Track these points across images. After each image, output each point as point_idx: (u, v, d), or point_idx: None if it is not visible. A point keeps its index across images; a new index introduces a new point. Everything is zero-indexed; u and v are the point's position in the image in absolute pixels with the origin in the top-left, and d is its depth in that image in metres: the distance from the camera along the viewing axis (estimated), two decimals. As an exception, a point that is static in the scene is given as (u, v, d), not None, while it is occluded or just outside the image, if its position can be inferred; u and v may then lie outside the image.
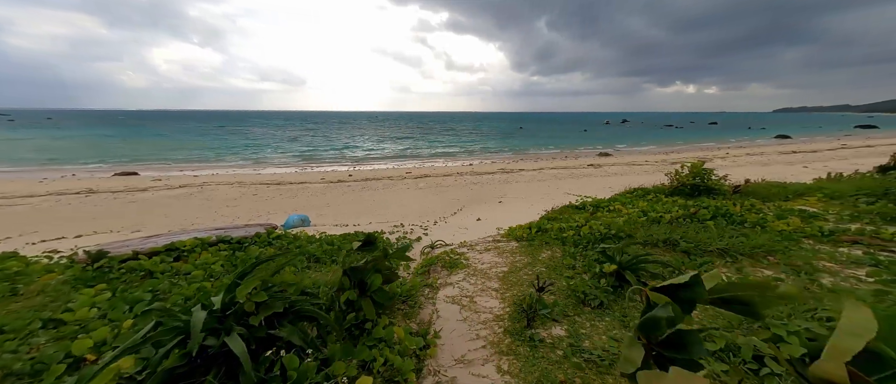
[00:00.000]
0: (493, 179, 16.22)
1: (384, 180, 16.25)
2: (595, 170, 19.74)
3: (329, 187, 14.15)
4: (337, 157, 28.69)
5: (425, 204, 10.46)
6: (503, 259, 4.01)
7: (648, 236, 4.08)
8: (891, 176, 6.05)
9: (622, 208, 5.94)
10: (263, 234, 4.60)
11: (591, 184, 14.31)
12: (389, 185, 14.83)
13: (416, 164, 25.18)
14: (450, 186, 14.26)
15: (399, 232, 6.43)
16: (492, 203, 10.43)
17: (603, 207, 6.21)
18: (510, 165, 22.60)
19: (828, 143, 36.97)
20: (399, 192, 13.04)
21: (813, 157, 25.84)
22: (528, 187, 13.80)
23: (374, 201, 10.88)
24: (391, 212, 9.06)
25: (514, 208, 9.11)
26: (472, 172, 18.94)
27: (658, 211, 5.33)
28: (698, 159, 6.87)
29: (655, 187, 7.76)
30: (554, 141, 43.94)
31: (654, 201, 6.31)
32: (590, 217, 5.54)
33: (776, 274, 3.23)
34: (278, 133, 53.99)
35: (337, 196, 11.91)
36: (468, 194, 12.21)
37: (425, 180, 16.14)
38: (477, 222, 7.25)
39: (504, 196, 11.93)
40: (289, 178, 17.13)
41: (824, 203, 6.01)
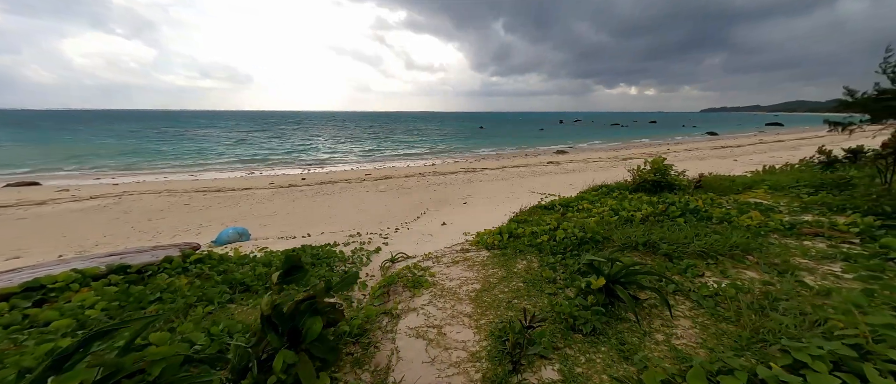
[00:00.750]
0: (457, 179, 15.83)
1: (341, 184, 15.17)
2: (555, 167, 20.15)
3: (278, 193, 12.84)
4: (289, 160, 26.69)
5: (386, 208, 9.74)
6: (474, 273, 3.51)
7: (626, 239, 3.80)
8: (841, 169, 6.49)
9: (591, 207, 5.73)
10: (177, 258, 3.67)
11: (553, 181, 14.44)
12: (347, 188, 13.83)
13: (376, 165, 24.14)
14: (412, 188, 13.61)
15: (355, 242, 5.71)
16: (457, 204, 9.98)
17: (572, 207, 5.97)
18: (473, 164, 22.42)
19: (747, 138, 41.68)
20: (357, 196, 12.14)
21: (739, 151, 28.72)
22: (493, 186, 13.57)
23: (328, 207, 9.93)
24: (348, 220, 8.23)
25: (480, 210, 8.73)
26: (434, 172, 18.42)
27: (628, 209, 5.16)
28: (658, 156, 6.91)
29: (618, 184, 7.75)
30: (514, 140, 44.86)
31: (621, 198, 6.21)
32: (561, 218, 5.24)
33: (759, 274, 3.05)
34: (223, 134, 49.50)
35: (286, 203, 10.75)
36: (432, 196, 11.66)
37: (386, 182, 15.33)
38: (442, 227, 6.73)
39: (469, 196, 11.54)
40: (231, 183, 15.40)
41: (772, 195, 6.27)
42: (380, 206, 10.02)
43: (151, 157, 26.67)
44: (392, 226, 7.36)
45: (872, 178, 5.73)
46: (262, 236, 6.61)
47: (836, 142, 21.23)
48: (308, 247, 5.06)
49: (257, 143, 38.57)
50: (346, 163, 25.57)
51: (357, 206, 10.12)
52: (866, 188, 5.55)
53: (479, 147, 37.03)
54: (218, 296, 2.88)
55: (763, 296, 2.57)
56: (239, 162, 25.32)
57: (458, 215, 8.19)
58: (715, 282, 2.93)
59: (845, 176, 6.35)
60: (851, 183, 6.04)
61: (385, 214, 8.81)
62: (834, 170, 7.88)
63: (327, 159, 27.33)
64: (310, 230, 7.15)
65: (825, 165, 6.47)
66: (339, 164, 25.13)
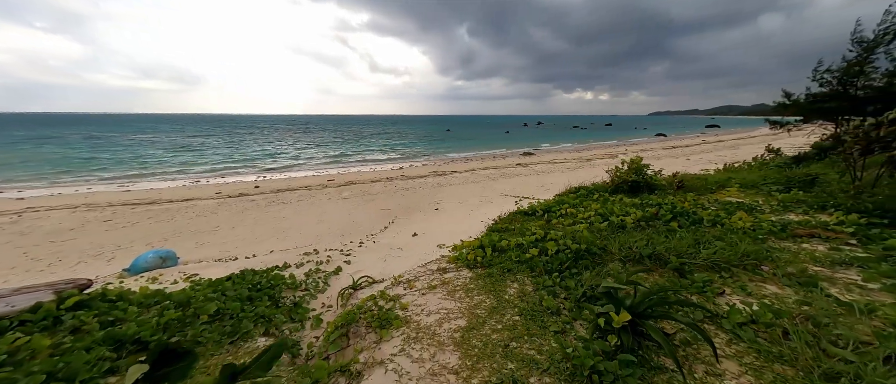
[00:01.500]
0: (426, 183, 15.13)
1: (300, 191, 13.89)
2: (524, 169, 20.10)
3: (224, 204, 11.38)
4: (243, 167, 24.50)
5: (349, 218, 8.82)
6: (456, 302, 2.84)
7: (626, 250, 3.33)
8: (805, 165, 6.63)
9: (575, 211, 5.30)
10: (49, 305, 2.65)
11: (524, 183, 14.21)
12: (306, 196, 12.63)
13: (339, 169, 22.78)
14: (379, 194, 12.71)
15: (311, 262, 4.83)
16: (428, 211, 9.28)
17: (555, 212, 5.50)
18: (442, 167, 21.84)
19: (693, 139, 45.12)
20: (317, 204, 11.04)
21: (688, 150, 30.70)
22: (464, 190, 13.04)
23: (282, 219, 8.80)
24: (305, 233, 7.24)
25: (453, 216, 8.10)
26: (402, 176, 17.59)
27: (616, 213, 4.77)
28: (636, 156, 6.70)
29: (596, 185, 7.48)
30: (481, 142, 45.00)
31: (604, 201, 5.85)
32: (546, 225, 4.73)
33: (780, 287, 2.68)
34: (168, 139, 44.93)
35: (233, 215, 9.45)
36: (400, 202, 10.86)
37: (350, 188, 14.27)
38: (413, 239, 6.01)
39: (440, 202, 10.89)
40: (170, 194, 13.55)
41: (745, 193, 6.23)
42: (342, 216, 9.06)
43: (74, 165, 23.25)
44: (356, 239, 6.51)
45: (841, 174, 5.82)
46: (194, 259, 5.48)
47: (776, 140, 22.58)
48: (249, 273, 4.13)
49: (208, 148, 35.30)
50: (306, 168, 23.92)
51: (316, 217, 9.08)
52: (835, 184, 5.62)
53: (447, 150, 36.59)
54: (87, 370, 1.95)
55: (805, 320, 2.15)
56: (183, 169, 22.76)
57: (430, 223, 7.51)
58: (741, 302, 2.50)
59: (810, 172, 6.48)
60: (816, 180, 6.15)
61: (348, 225, 7.91)
62: (798, 166, 8.13)
63: (286, 165, 25.45)
64: (257, 248, 6.11)
65: (795, 161, 6.56)
66: (300, 169, 23.44)
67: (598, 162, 23.22)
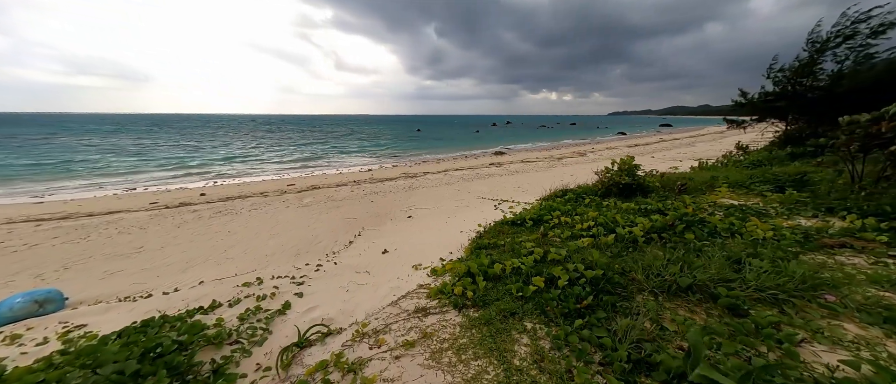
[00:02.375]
0: (397, 186, 14.11)
1: (254, 198, 12.37)
2: (498, 169, 19.60)
3: (159, 217, 9.71)
4: (192, 171, 22.03)
5: (308, 230, 7.66)
6: (445, 374, 1.98)
7: (656, 277, 2.63)
8: (792, 164, 6.45)
9: (570, 221, 4.61)
10: None
11: (500, 184, 13.61)
12: (260, 204, 11.18)
13: (302, 172, 21.09)
14: (344, 200, 11.53)
15: (251, 296, 3.76)
16: (400, 219, 8.33)
17: (546, 221, 4.79)
18: (413, 168, 20.85)
19: (651, 137, 47.43)
20: (272, 214, 9.71)
21: (650, 148, 31.90)
22: (438, 193, 12.18)
23: (227, 235, 7.46)
24: (252, 252, 6.04)
25: (429, 225, 7.22)
26: (371, 179, 16.42)
27: (620, 223, 4.12)
28: (628, 156, 6.19)
29: (583, 188, 6.91)
30: (452, 142, 44.41)
31: (598, 207, 5.24)
32: (542, 240, 3.99)
33: (860, 326, 2.08)
34: (106, 142, 40.08)
35: (166, 231, 7.94)
36: (368, 209, 9.80)
37: (312, 194, 12.93)
38: (383, 257, 5.06)
39: (413, 207, 9.95)
40: (93, 205, 11.51)
41: (737, 194, 5.90)
42: (301, 228, 7.88)
43: (-23, 172, 19.69)
44: (314, 258, 5.45)
45: (838, 173, 5.60)
46: (92, 298, 4.17)
47: (725, 138, 23.31)
48: (154, 323, 3.01)
49: (154, 151, 31.74)
50: (266, 172, 21.95)
51: (269, 230, 7.83)
52: (828, 184, 5.39)
53: (418, 150, 35.57)
54: None
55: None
56: (118, 175, 20.01)
57: (402, 235, 6.57)
58: (827, 352, 1.85)
59: (801, 170, 6.28)
60: (806, 178, 5.94)
61: (307, 240, 6.78)
62: (773, 164, 8.00)
63: (242, 168, 23.26)
64: (185, 277, 4.89)
65: (768, 159, 6.33)
66: (258, 173, 21.44)
67: (570, 160, 23.30)
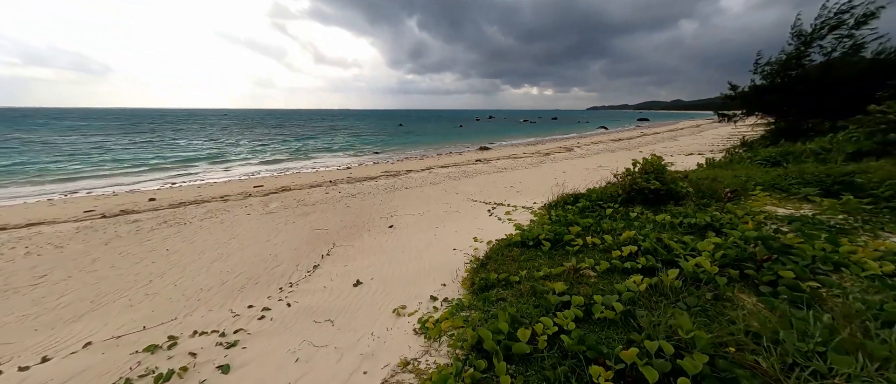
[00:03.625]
0: (378, 187, 12.80)
1: (211, 203, 10.78)
2: (485, 165, 18.56)
3: (87, 230, 8.06)
4: (146, 171, 19.81)
5: (267, 246, 6.31)
6: None
7: (804, 373, 1.57)
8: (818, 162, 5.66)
9: (600, 243, 3.55)
10: None
11: (491, 183, 12.53)
12: (218, 211, 9.64)
13: (274, 171, 19.35)
14: (316, 205, 10.14)
15: (149, 376, 2.50)
16: (379, 230, 7.09)
17: (569, 244, 3.72)
18: (395, 166, 19.50)
19: (631, 131, 47.66)
20: (229, 224, 8.24)
21: (635, 143, 31.70)
22: (423, 194, 10.98)
23: (161, 256, 6.00)
24: (183, 286, 4.64)
25: (414, 239, 6.03)
26: (348, 179, 15.00)
27: (675, 249, 3.08)
28: (653, 155, 5.18)
29: (594, 192, 5.88)
30: (435, 137, 43.15)
31: (627, 220, 4.20)
32: (574, 277, 2.89)
33: None
34: (59, 138, 36.31)
35: (86, 252, 6.37)
36: (343, 217, 8.48)
37: (281, 197, 11.45)
38: (354, 293, 3.86)
39: (395, 213, 8.72)
40: (9, 216, 9.61)
41: (779, 199, 5.03)
42: (257, 244, 6.51)
43: None
44: (263, 293, 4.18)
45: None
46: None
47: (701, 132, 22.95)
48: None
49: (109, 149, 28.81)
50: (233, 171, 20.03)
51: (218, 247, 6.42)
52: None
53: (400, 146, 34.12)
54: None
55: None
56: (63, 177, 17.64)
57: (381, 254, 5.36)
58: None
59: (845, 170, 5.47)
60: (855, 181, 5.11)
61: (260, 263, 5.46)
62: (789, 161, 7.24)
63: (206, 167, 21.20)
64: (70, 332, 3.51)
65: (782, 155, 5.51)
66: (223, 172, 19.52)
67: (558, 156, 22.56)
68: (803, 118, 15.38)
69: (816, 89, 14.59)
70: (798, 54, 15.20)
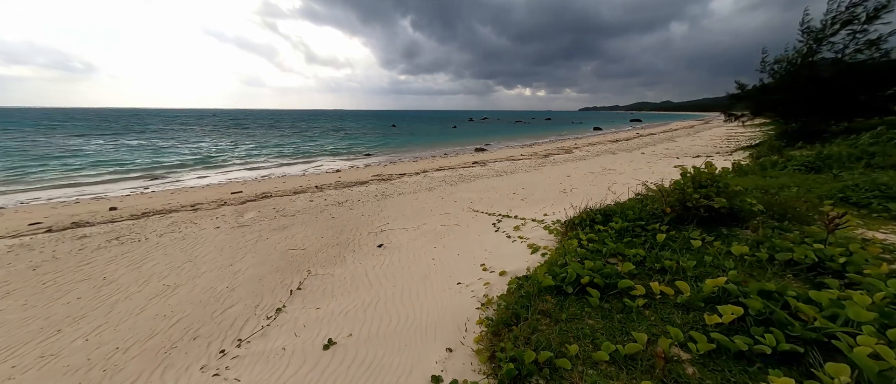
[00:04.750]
0: (368, 193, 11.66)
1: (179, 214, 9.53)
2: (483, 168, 17.52)
3: (19, 250, 6.78)
4: (116, 176, 18.33)
5: (227, 275, 5.15)
6: None
7: None
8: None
9: (661, 289, 2.50)
10: None
11: (492, 189, 11.47)
12: (183, 224, 8.42)
13: (257, 175, 18.06)
14: (297, 215, 8.97)
15: None
16: (366, 251, 5.98)
17: (611, 290, 2.66)
18: (388, 169, 18.36)
19: (627, 132, 46.91)
20: (190, 243, 7.03)
21: (634, 144, 30.91)
22: (418, 203, 9.87)
23: (93, 289, 4.77)
24: (95, 341, 3.42)
25: (408, 269, 4.92)
26: (337, 183, 13.83)
27: (815, 321, 2.03)
28: (707, 162, 4.16)
29: (628, 206, 4.83)
30: (429, 138, 42.10)
31: (692, 249, 3.16)
32: (660, 363, 1.83)
33: None
34: (30, 141, 34.35)
35: (4, 280, 5.14)
36: (325, 232, 7.34)
37: (259, 206, 10.24)
38: (324, 365, 2.75)
39: (386, 226, 7.60)
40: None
41: (861, 217, 4.05)
42: (217, 270, 5.35)
43: None
44: (198, 358, 3.06)
45: None
46: None
47: (695, 133, 21.84)
48: None
49: (83, 150, 27.12)
50: (213, 175, 18.66)
51: (168, 274, 5.24)
52: None
53: (392, 147, 32.97)
54: None
55: None
56: (22, 182, 16.10)
57: (366, 293, 4.25)
58: None
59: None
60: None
61: (212, 300, 4.31)
62: (835, 166, 6.29)
63: (184, 171, 19.79)
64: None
65: (822, 159, 4.58)
66: (201, 176, 18.15)
67: (558, 158, 21.63)
68: (818, 118, 14.66)
69: (832, 89, 13.87)
70: (809, 51, 14.48)
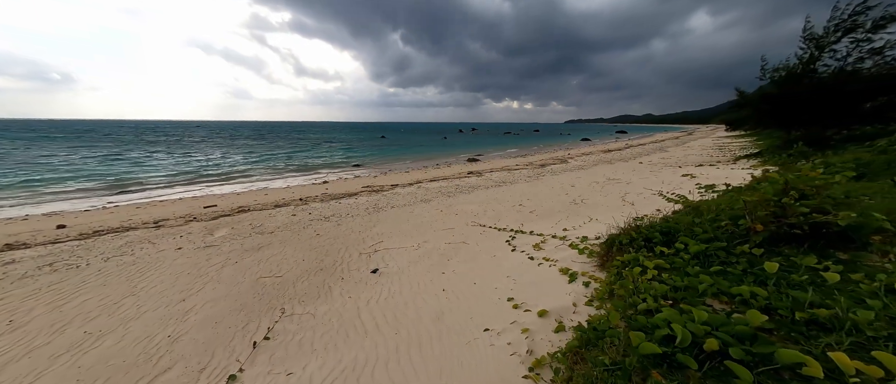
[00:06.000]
0: (358, 206, 10.55)
1: (139, 231, 8.21)
2: (479, 179, 16.62)
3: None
4: (80, 190, 16.67)
5: (172, 318, 3.96)
6: None
7: None
8: None
9: (812, 373, 1.55)
10: None
11: (494, 200, 10.51)
12: (138, 245, 7.12)
13: (237, 187, 16.69)
14: (276, 232, 7.78)
15: None
16: (356, 280, 4.89)
17: (750, 355, 1.69)
18: (379, 180, 17.25)
19: (617, 143, 46.94)
20: (142, 268, 5.78)
21: (628, 153, 30.63)
22: (415, 216, 8.82)
23: None
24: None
25: (412, 308, 3.85)
26: (324, 195, 12.66)
27: None
28: (802, 169, 3.30)
29: (694, 222, 3.90)
30: (419, 149, 41.24)
31: (829, 290, 2.24)
32: None
33: None
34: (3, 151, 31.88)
35: None
36: (307, 252, 6.20)
37: (233, 221, 9.00)
38: None
39: (380, 244, 6.52)
40: None
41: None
42: (161, 309, 4.18)
43: None
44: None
45: None
46: None
47: (680, 143, 21.13)
48: None
49: (50, 161, 25.11)
50: (191, 187, 17.19)
51: (97, 315, 4.05)
52: None
53: (383, 157, 31.92)
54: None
55: None
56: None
57: (357, 346, 3.15)
58: None
59: None
60: None
61: (142, 359, 3.14)
62: None
63: (162, 183, 18.25)
64: None
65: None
66: (175, 189, 16.67)
67: (556, 168, 20.94)
68: (821, 126, 14.38)
69: (835, 96, 13.63)
70: (811, 58, 14.31)
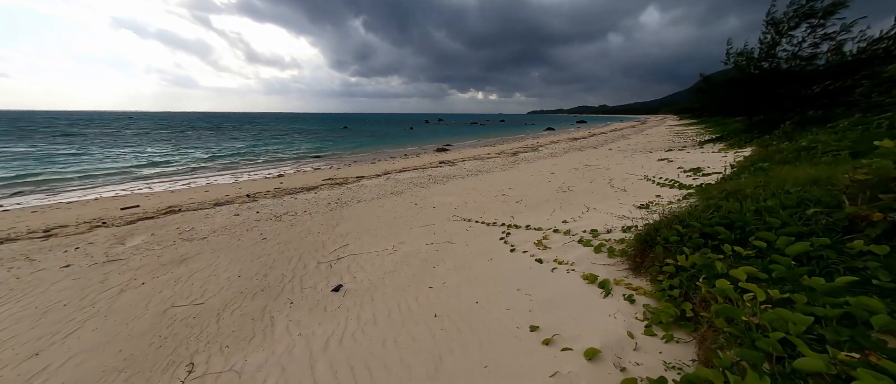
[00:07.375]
0: (317, 202, 9.11)
1: (19, 244, 6.25)
2: (453, 168, 15.63)
3: None
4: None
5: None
6: None
7: None
8: None
9: None
10: None
11: (471, 190, 9.56)
12: (8, 263, 5.29)
13: (170, 184, 14.28)
14: (208, 239, 6.23)
15: None
16: (313, 302, 3.68)
17: None
18: (342, 172, 15.64)
19: (580, 132, 48.12)
20: (17, 295, 4.13)
21: (593, 140, 31.16)
22: (385, 211, 7.62)
23: None
24: None
25: (397, 347, 2.78)
26: (276, 191, 10.96)
27: None
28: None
29: (699, 206, 3.14)
30: (386, 140, 39.36)
31: None
32: None
33: None
34: None
35: None
36: (248, 267, 4.84)
37: (155, 226, 7.23)
38: None
39: (345, 250, 5.30)
40: None
41: None
42: (6, 368, 2.77)
43: None
44: None
45: None
46: None
47: (635, 133, 21.22)
48: None
49: None
50: (111, 186, 14.44)
51: None
52: None
53: (346, 148, 29.86)
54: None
55: None
56: None
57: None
58: None
59: None
60: None
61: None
62: None
63: (74, 183, 15.19)
64: None
65: None
66: (96, 188, 13.91)
67: (529, 156, 20.50)
68: (780, 111, 15.01)
69: (791, 82, 14.20)
70: (772, 44, 14.81)
